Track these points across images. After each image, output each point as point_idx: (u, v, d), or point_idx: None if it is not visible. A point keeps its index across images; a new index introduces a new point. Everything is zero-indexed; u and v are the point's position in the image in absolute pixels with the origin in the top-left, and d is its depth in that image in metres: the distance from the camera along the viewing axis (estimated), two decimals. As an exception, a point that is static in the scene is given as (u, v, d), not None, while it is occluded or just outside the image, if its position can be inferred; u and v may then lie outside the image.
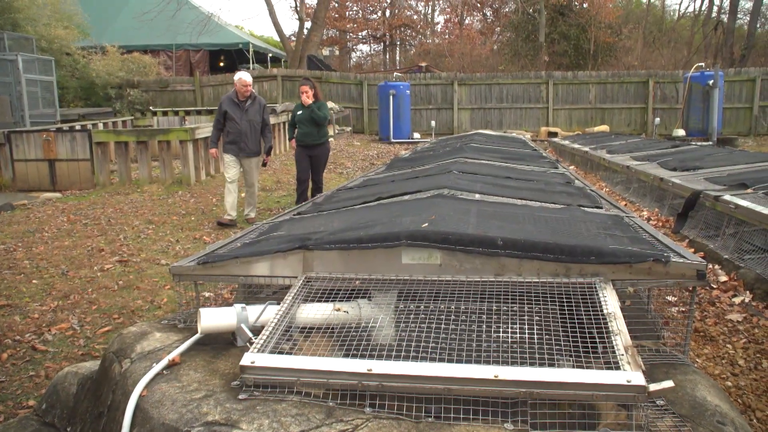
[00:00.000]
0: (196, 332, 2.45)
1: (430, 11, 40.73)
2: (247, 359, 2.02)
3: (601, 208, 3.94)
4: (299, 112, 7.84)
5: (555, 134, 17.75)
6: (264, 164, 7.90)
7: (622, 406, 1.84)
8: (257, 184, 7.89)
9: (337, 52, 38.72)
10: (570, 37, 25.54)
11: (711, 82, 15.20)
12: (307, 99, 7.70)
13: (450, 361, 1.98)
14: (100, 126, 14.29)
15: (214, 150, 7.88)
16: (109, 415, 2.26)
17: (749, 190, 5.53)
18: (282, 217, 4.22)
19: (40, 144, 10.60)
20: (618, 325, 2.08)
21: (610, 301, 2.23)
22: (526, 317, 2.26)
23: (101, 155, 10.68)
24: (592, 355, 2.02)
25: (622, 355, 1.90)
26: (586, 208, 3.77)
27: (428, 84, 19.73)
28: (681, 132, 15.74)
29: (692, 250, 4.90)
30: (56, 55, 17.80)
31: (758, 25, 25.53)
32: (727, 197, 5.30)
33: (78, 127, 12.74)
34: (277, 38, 25.83)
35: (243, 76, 7.36)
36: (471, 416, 1.83)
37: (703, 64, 17.05)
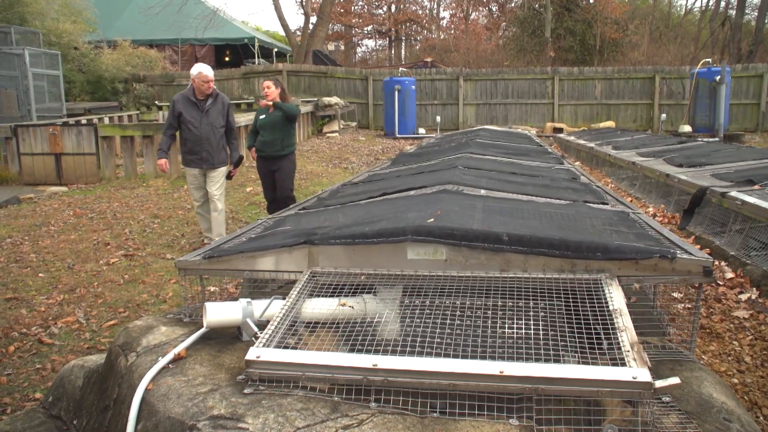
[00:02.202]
0: (202, 326, 2.46)
1: (435, 6, 40.66)
2: (252, 354, 2.03)
3: (607, 204, 3.92)
4: (261, 117, 6.49)
5: (560, 130, 17.68)
6: (229, 177, 6.39)
7: (627, 402, 1.83)
8: (223, 204, 6.26)
9: (342, 47, 38.66)
10: (576, 32, 25.42)
11: (718, 77, 15.09)
12: (270, 99, 6.36)
13: (455, 356, 1.98)
14: (106, 120, 14.34)
15: (163, 161, 6.19)
16: (115, 409, 2.27)
17: (756, 187, 5.50)
18: (287, 212, 4.23)
19: (46, 138, 10.65)
20: (624, 321, 2.08)
21: (615, 298, 2.22)
22: (531, 313, 2.26)
23: (107, 149, 10.73)
24: (597, 351, 2.02)
25: (628, 351, 1.90)
26: (591, 204, 3.76)
27: (433, 79, 19.67)
28: (687, 128, 15.64)
29: (698, 246, 4.88)
30: (64, 49, 17.85)
31: (766, 21, 25.28)
32: (733, 193, 5.27)
33: (84, 122, 12.78)
34: (282, 33, 25.82)
35: (203, 70, 6.00)
36: (476, 412, 1.83)
37: (710, 59, 16.91)
